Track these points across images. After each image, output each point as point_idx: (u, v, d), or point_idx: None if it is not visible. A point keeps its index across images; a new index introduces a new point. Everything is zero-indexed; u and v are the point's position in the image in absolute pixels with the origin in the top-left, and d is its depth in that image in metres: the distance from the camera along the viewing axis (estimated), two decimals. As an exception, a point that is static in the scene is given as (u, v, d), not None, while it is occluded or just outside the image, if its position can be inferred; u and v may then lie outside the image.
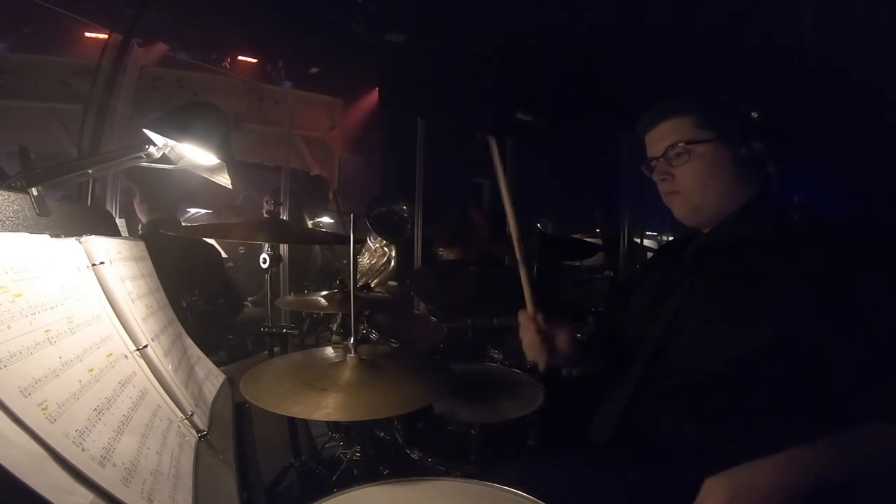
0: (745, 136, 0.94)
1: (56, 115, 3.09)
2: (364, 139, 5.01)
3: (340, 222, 4.00)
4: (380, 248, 3.35)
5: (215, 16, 3.62)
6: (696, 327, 0.96)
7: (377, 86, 4.69)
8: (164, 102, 3.31)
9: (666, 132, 1.00)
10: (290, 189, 3.41)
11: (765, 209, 0.96)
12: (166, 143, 0.96)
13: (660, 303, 1.05)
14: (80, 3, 3.04)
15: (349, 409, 0.91)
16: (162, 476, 0.59)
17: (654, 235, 4.20)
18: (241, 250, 3.43)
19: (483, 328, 2.12)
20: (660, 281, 1.10)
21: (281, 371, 1.05)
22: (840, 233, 0.88)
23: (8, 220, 0.67)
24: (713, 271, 0.98)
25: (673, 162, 0.99)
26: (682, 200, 1.01)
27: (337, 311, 1.84)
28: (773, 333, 0.84)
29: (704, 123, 0.96)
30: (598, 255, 3.44)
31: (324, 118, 4.62)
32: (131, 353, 0.72)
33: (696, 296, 0.98)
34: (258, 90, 4.04)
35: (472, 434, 1.28)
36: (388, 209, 3.29)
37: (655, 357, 0.99)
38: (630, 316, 1.18)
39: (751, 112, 0.95)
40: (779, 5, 2.56)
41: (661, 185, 1.03)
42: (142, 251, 0.99)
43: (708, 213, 1.00)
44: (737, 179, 0.96)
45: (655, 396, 0.98)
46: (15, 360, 0.50)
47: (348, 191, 4.75)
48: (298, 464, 1.65)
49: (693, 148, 0.96)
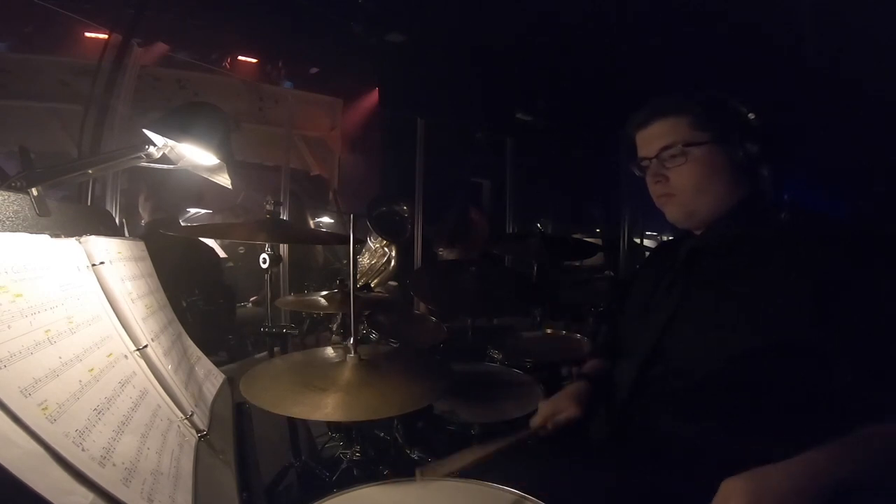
0: (743, 138, 0.92)
1: (56, 115, 3.09)
2: (364, 139, 5.00)
3: (340, 222, 4.00)
4: (380, 248, 3.35)
5: (215, 16, 3.61)
6: (691, 328, 0.95)
7: (377, 86, 4.68)
8: (164, 102, 3.30)
9: (660, 132, 0.98)
10: (291, 189, 3.41)
11: (757, 209, 0.95)
12: (166, 143, 0.96)
13: (655, 304, 1.04)
14: (80, 3, 3.04)
15: (349, 409, 0.91)
16: (162, 476, 0.59)
17: (654, 235, 4.20)
18: (241, 250, 3.43)
19: (483, 328, 2.12)
20: (654, 282, 1.09)
21: (281, 371, 1.05)
22: (833, 231, 0.87)
23: (8, 220, 0.67)
24: (706, 272, 0.97)
25: (667, 164, 0.96)
26: (676, 203, 0.99)
27: (337, 311, 1.84)
28: (769, 333, 0.83)
29: (701, 124, 0.94)
30: (598, 255, 3.45)
31: (324, 118, 4.61)
32: (131, 353, 0.72)
33: (690, 297, 0.98)
34: (258, 90, 4.03)
35: (472, 434, 1.28)
36: (389, 209, 3.29)
37: (652, 358, 0.99)
38: (626, 317, 1.18)
39: (748, 113, 0.94)
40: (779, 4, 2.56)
41: (653, 188, 1.01)
42: (142, 251, 0.99)
43: (702, 216, 0.98)
44: (731, 181, 0.94)
45: (653, 397, 0.98)
46: (15, 360, 0.50)
47: (348, 191, 4.74)
48: (298, 464, 1.65)
49: (690, 150, 0.94)
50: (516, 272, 2.54)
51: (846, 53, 2.41)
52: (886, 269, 0.80)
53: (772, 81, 2.48)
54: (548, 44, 3.21)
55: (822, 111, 2.42)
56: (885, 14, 2.14)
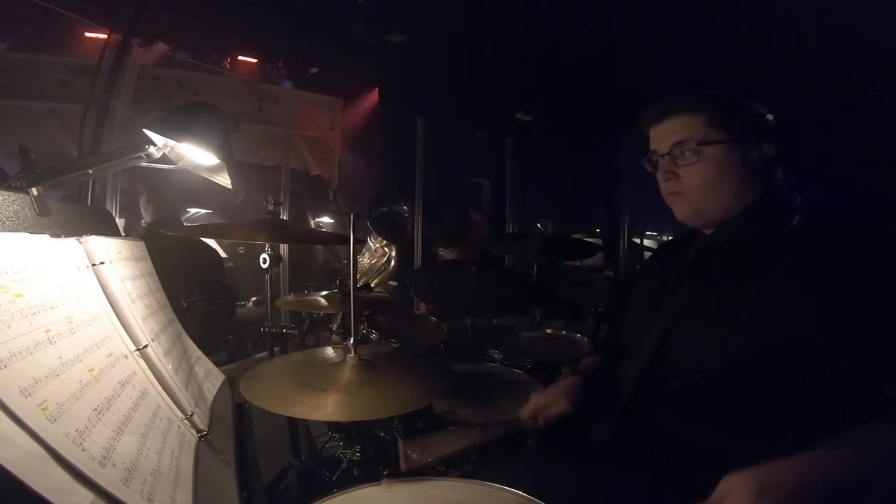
0: (759, 139, 0.91)
1: (56, 115, 3.09)
2: (364, 139, 5.01)
3: (340, 222, 4.00)
4: (380, 248, 3.35)
5: (215, 16, 3.61)
6: (696, 329, 0.95)
7: (377, 86, 4.68)
8: (164, 102, 3.30)
9: (674, 128, 0.97)
10: (291, 189, 3.42)
11: (768, 211, 0.94)
12: (166, 143, 0.96)
13: (659, 303, 1.04)
14: (80, 3, 3.04)
15: (349, 409, 0.91)
16: (162, 476, 0.59)
17: (654, 235, 4.20)
18: (241, 250, 3.43)
19: (483, 328, 2.12)
20: (659, 281, 1.08)
21: (281, 371, 1.05)
22: (843, 234, 0.87)
23: (8, 220, 0.67)
24: (714, 273, 0.97)
25: (679, 161, 0.95)
26: (685, 202, 0.98)
27: (337, 311, 1.84)
28: (774, 335, 0.83)
29: (716, 123, 0.93)
30: (598, 255, 3.44)
31: (324, 118, 4.61)
32: (131, 353, 0.72)
33: (696, 297, 0.97)
34: (258, 90, 4.03)
35: (471, 434, 1.27)
36: (390, 209, 3.29)
37: (655, 358, 0.99)
38: (628, 317, 1.18)
39: (766, 114, 0.93)
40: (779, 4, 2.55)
41: (664, 185, 1.00)
42: (142, 251, 0.99)
43: (711, 215, 0.97)
44: (743, 182, 0.94)
45: (655, 397, 0.98)
46: (15, 360, 0.50)
47: (348, 191, 4.74)
48: (298, 464, 1.65)
49: (703, 149, 0.93)
50: (516, 272, 2.54)
51: (846, 53, 2.41)
52: (893, 271, 0.80)
53: (772, 81, 2.48)
54: (548, 44, 3.20)
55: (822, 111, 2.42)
56: (885, 14, 2.14)
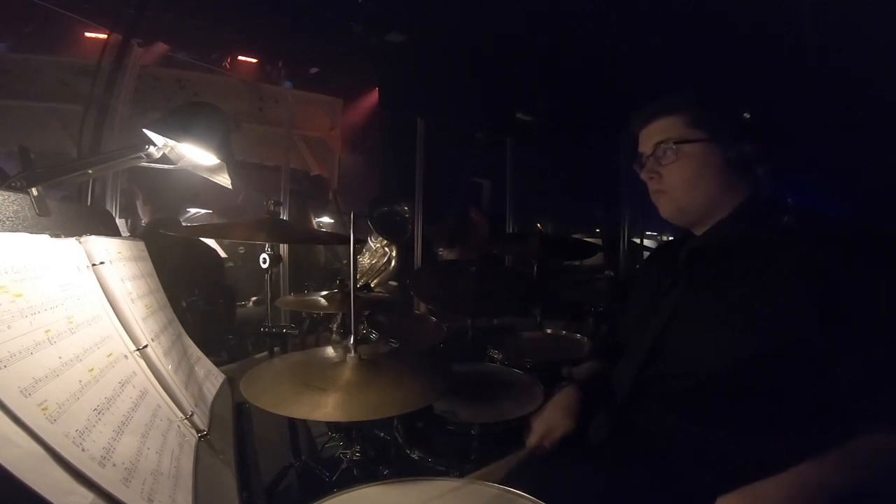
0: (737, 138, 0.92)
1: (56, 115, 3.08)
2: (364, 139, 5.01)
3: (340, 222, 4.00)
4: (380, 247, 3.35)
5: (215, 16, 3.61)
6: (690, 330, 0.95)
7: (377, 86, 4.68)
8: (164, 102, 3.30)
9: (657, 130, 0.99)
10: (292, 189, 3.42)
11: (759, 211, 0.95)
12: (166, 143, 0.96)
13: (655, 305, 1.04)
14: (80, 3, 3.04)
15: (349, 409, 0.91)
16: (162, 476, 0.59)
17: (654, 235, 4.20)
18: (241, 250, 3.43)
19: (483, 328, 2.12)
20: (655, 283, 1.09)
21: (281, 371, 1.05)
22: (836, 233, 0.87)
23: (8, 220, 0.67)
24: (706, 273, 0.97)
25: (662, 161, 0.98)
26: (667, 200, 1.00)
27: (337, 311, 1.84)
28: (768, 335, 0.83)
29: (696, 123, 0.95)
30: (598, 255, 3.45)
31: (324, 118, 4.61)
32: (131, 353, 0.72)
33: (689, 298, 0.98)
34: (258, 90, 4.03)
35: (472, 434, 1.28)
36: (390, 209, 3.29)
37: (651, 358, 0.99)
38: (626, 317, 1.18)
39: (743, 112, 0.94)
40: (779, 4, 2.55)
41: (649, 184, 1.03)
42: (142, 251, 0.99)
43: (694, 214, 0.99)
44: (726, 181, 0.95)
45: (652, 398, 0.98)
46: (15, 360, 0.50)
47: (348, 191, 4.74)
48: (298, 464, 1.65)
49: (681, 147, 0.95)
50: (516, 272, 2.54)
51: (846, 53, 2.41)
52: (888, 271, 0.80)
53: (772, 81, 2.48)
54: (547, 44, 3.20)
55: (822, 111, 2.42)
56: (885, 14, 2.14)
